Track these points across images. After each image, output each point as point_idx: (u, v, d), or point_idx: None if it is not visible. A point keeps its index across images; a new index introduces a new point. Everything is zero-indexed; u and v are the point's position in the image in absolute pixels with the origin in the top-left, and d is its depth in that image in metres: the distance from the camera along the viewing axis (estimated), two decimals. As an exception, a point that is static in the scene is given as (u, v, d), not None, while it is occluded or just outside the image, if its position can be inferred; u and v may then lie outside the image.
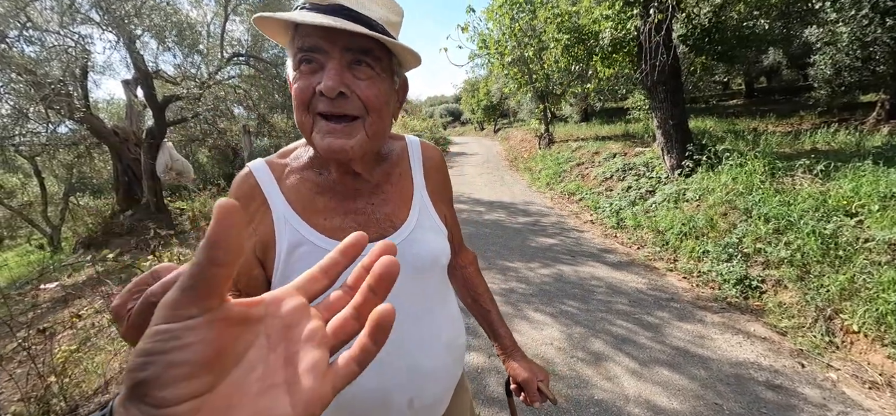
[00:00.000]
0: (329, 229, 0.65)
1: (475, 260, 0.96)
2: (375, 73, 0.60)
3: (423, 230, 0.72)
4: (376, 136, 0.63)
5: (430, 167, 0.80)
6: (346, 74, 0.58)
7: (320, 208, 0.67)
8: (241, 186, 0.67)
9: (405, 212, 0.72)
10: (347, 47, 0.57)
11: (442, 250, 0.74)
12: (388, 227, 0.69)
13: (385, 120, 0.63)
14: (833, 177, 3.71)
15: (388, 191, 0.73)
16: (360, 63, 0.58)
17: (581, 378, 2.26)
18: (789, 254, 3.01)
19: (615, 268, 3.77)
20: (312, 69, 0.59)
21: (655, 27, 4.66)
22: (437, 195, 0.80)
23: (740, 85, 15.88)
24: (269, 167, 0.68)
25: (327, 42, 0.57)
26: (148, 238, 3.34)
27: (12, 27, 4.95)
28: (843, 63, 7.24)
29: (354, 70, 0.58)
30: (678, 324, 2.75)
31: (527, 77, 10.16)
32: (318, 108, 0.58)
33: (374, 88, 0.60)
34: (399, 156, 0.78)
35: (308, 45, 0.57)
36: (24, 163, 9.03)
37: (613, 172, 6.45)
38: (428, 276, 0.71)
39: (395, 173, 0.75)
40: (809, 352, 2.40)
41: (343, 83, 0.57)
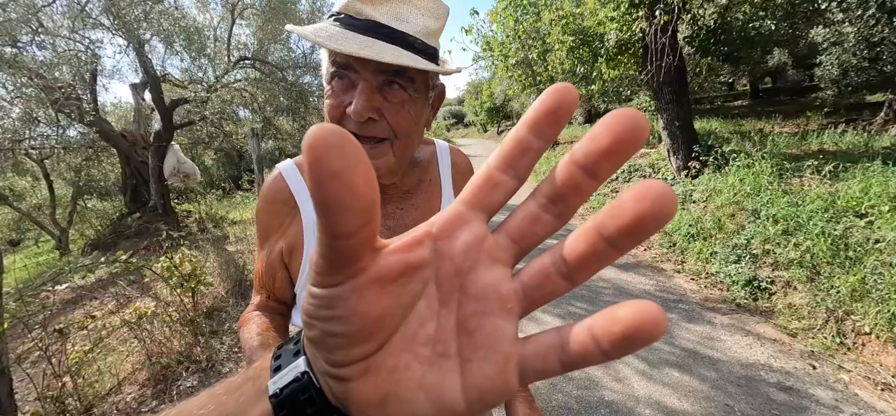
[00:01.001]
0: None
1: None
2: (408, 96, 0.58)
3: None
4: (404, 156, 0.62)
5: (459, 174, 0.80)
6: (376, 98, 0.55)
7: None
8: (271, 189, 0.67)
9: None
10: (379, 69, 0.55)
11: None
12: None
13: (414, 140, 0.62)
14: (842, 178, 3.69)
15: (418, 197, 0.72)
16: (393, 84, 0.56)
17: (590, 380, 2.27)
18: (799, 255, 2.99)
19: (622, 269, 3.76)
20: (344, 87, 0.57)
21: (661, 28, 4.66)
22: None
23: (745, 85, 15.81)
24: (299, 169, 0.67)
25: (358, 63, 0.54)
26: (160, 240, 3.38)
27: (24, 32, 5.02)
28: (850, 63, 7.20)
29: (387, 92, 0.56)
30: (687, 326, 2.75)
31: (531, 79, 10.16)
32: (347, 126, 0.56)
33: (405, 112, 0.58)
34: (429, 162, 0.77)
35: (341, 62, 0.56)
36: (33, 166, 9.12)
37: (619, 174, 6.44)
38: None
39: (425, 180, 0.75)
40: (820, 354, 2.39)
41: (372, 108, 0.55)
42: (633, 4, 4.79)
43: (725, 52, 6.09)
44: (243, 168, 11.99)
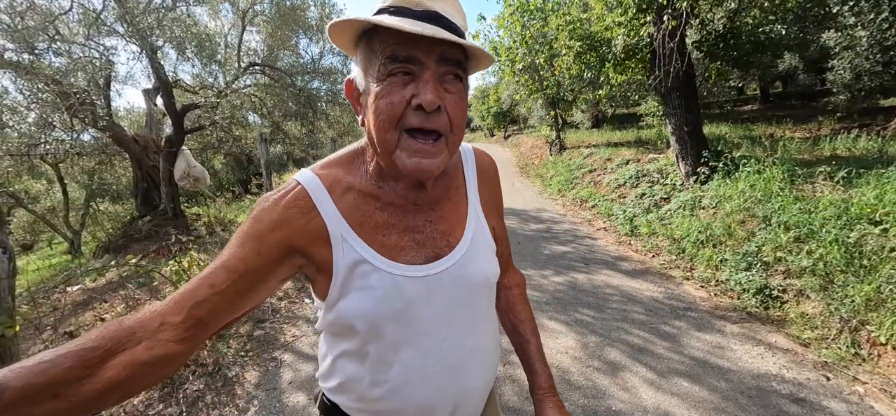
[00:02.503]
0: (387, 247, 0.62)
1: (522, 283, 0.88)
2: (463, 87, 0.58)
3: (477, 249, 0.69)
4: (454, 150, 0.61)
5: (484, 179, 0.76)
6: (440, 88, 0.54)
7: (380, 223, 0.63)
8: (293, 202, 0.61)
9: (461, 230, 0.68)
10: (443, 58, 0.54)
11: (493, 269, 0.71)
12: (444, 246, 0.66)
13: (463, 132, 0.60)
14: (855, 184, 3.62)
15: (445, 207, 0.69)
16: (451, 75, 0.56)
17: (597, 388, 2.24)
18: (811, 263, 2.94)
19: (630, 276, 3.72)
20: (404, 82, 0.54)
21: (669, 33, 4.64)
22: (489, 208, 0.76)
23: (755, 90, 15.65)
24: (321, 180, 0.63)
25: (423, 52, 0.53)
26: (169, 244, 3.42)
27: (42, 39, 5.14)
28: (863, 67, 7.10)
29: (446, 83, 0.55)
30: (696, 334, 2.70)
31: (538, 84, 10.16)
32: (409, 123, 0.55)
33: (461, 103, 0.57)
34: (456, 169, 0.74)
35: (404, 55, 0.53)
36: (47, 169, 9.31)
37: (626, 179, 6.39)
38: (479, 295, 0.69)
39: (452, 187, 0.71)
40: (834, 365, 2.33)
41: (440, 98, 0.54)
42: (641, 9, 4.77)
43: (735, 57, 6.03)
44: (252, 172, 12.12)
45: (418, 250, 0.64)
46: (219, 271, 0.55)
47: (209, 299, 0.53)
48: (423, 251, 0.64)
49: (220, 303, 0.54)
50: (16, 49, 5.17)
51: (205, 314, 0.53)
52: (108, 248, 7.08)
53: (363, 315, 0.60)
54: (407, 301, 0.61)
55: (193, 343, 0.53)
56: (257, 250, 0.57)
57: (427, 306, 0.63)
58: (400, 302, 0.61)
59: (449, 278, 0.64)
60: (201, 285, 0.53)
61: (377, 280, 0.61)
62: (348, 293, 0.61)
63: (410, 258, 0.63)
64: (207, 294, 0.53)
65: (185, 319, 0.51)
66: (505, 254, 0.82)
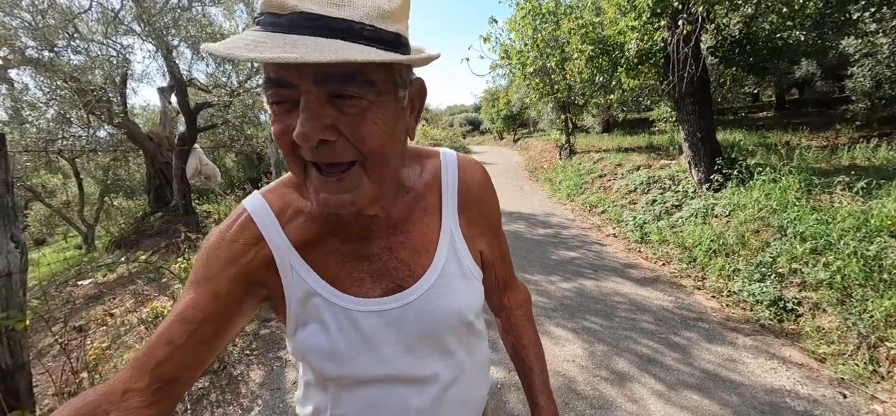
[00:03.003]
0: (340, 278, 0.56)
1: (526, 303, 0.78)
2: (369, 101, 0.44)
3: (448, 280, 0.59)
4: (385, 176, 0.50)
5: (468, 195, 0.64)
6: (326, 112, 0.42)
7: (331, 250, 0.56)
8: (238, 231, 0.55)
9: (428, 257, 0.59)
10: (323, 76, 0.41)
11: (470, 304, 0.61)
12: (406, 276, 0.57)
13: (390, 154, 0.48)
14: (875, 195, 3.51)
15: (410, 230, 0.59)
16: (346, 91, 0.42)
17: (604, 399, 2.20)
18: (828, 276, 2.86)
19: (639, 284, 3.66)
20: (287, 109, 0.44)
21: (684, 38, 4.57)
22: (476, 229, 0.65)
23: (771, 97, 15.37)
24: (269, 205, 0.57)
25: (295, 73, 0.41)
26: (179, 241, 3.46)
27: (61, 37, 5.26)
28: (884, 75, 6.92)
29: (340, 104, 0.43)
30: (707, 346, 2.64)
31: (548, 87, 10.11)
32: (304, 155, 0.45)
33: (369, 124, 0.44)
34: (428, 184, 0.62)
35: (274, 78, 0.43)
36: (64, 164, 9.54)
37: (637, 185, 6.31)
38: (452, 333, 0.60)
39: (419, 208, 0.60)
40: (852, 382, 2.26)
41: (322, 127, 0.42)
42: (656, 14, 4.71)
43: (751, 63, 5.92)
44: (262, 171, 12.25)
45: (375, 282, 0.57)
46: (175, 324, 0.50)
47: (171, 357, 0.49)
48: (380, 283, 0.57)
49: (185, 358, 0.50)
50: (36, 47, 5.30)
51: (170, 373, 0.49)
52: (121, 243, 7.20)
53: (317, 351, 0.55)
54: (365, 339, 0.55)
55: (164, 405, 0.49)
56: (213, 294, 0.52)
57: (388, 345, 0.56)
58: (357, 339, 0.55)
59: (413, 313, 0.57)
60: (158, 344, 0.49)
61: (330, 315, 0.55)
62: (303, 326, 0.56)
63: (366, 291, 0.56)
64: (168, 352, 0.48)
65: (151, 382, 0.47)
66: (503, 275, 0.74)
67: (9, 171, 1.50)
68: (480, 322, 0.67)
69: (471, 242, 0.64)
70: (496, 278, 0.72)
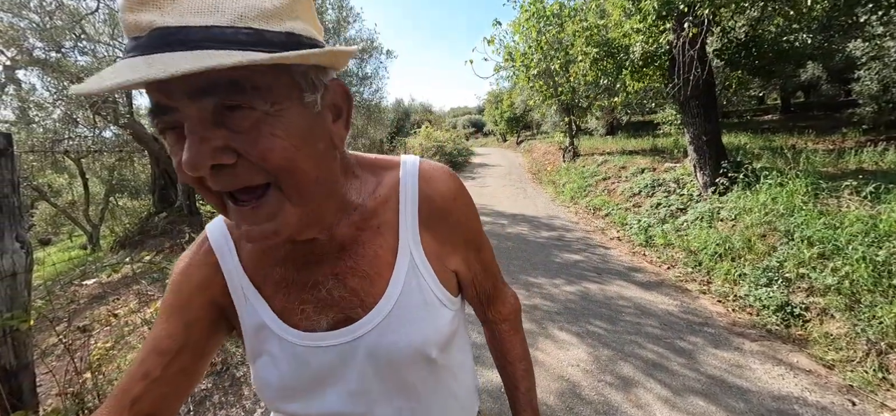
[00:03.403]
0: (286, 309, 0.51)
1: (513, 314, 0.71)
2: (262, 113, 0.37)
3: (406, 310, 0.52)
4: (308, 194, 0.42)
5: (433, 208, 0.55)
6: (213, 132, 0.36)
7: (278, 279, 0.52)
8: (197, 253, 0.54)
9: (382, 284, 0.52)
10: (199, 91, 0.35)
11: (432, 337, 0.53)
12: (355, 305, 0.51)
13: (307, 168, 0.41)
14: (884, 200, 3.47)
15: (360, 254, 0.52)
16: (233, 108, 0.36)
17: (609, 404, 2.17)
18: (836, 281, 2.82)
19: (644, 288, 3.63)
20: (177, 136, 0.38)
21: (689, 41, 4.54)
22: (446, 247, 0.57)
23: (776, 99, 15.29)
24: (228, 230, 0.55)
25: (166, 95, 0.36)
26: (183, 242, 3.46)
27: (68, 38, 5.31)
28: (892, 79, 6.87)
29: (229, 120, 0.37)
30: (713, 351, 2.61)
31: (552, 90, 10.09)
32: (213, 186, 0.39)
33: (267, 137, 0.38)
34: (382, 199, 0.54)
35: (152, 104, 0.38)
36: (70, 164, 9.61)
37: (641, 188, 6.27)
38: (411, 372, 0.53)
39: (370, 227, 0.53)
40: (861, 389, 2.22)
41: (211, 151, 0.36)
42: (661, 17, 4.69)
43: (757, 66, 5.88)
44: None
45: (320, 313, 0.51)
46: (152, 356, 0.48)
47: (148, 392, 0.47)
48: (326, 314, 0.51)
49: (163, 389, 0.48)
50: (44, 48, 5.34)
51: (149, 407, 0.47)
52: (125, 243, 7.24)
53: (267, 385, 0.52)
54: (312, 376, 0.51)
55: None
56: (185, 323, 0.51)
57: (340, 383, 0.51)
58: (303, 376, 0.51)
59: (364, 350, 0.51)
60: (135, 378, 0.48)
61: (277, 348, 0.51)
62: (258, 357, 0.53)
63: (310, 324, 0.51)
64: (145, 386, 0.47)
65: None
66: (485, 288, 0.66)
67: (15, 171, 1.51)
68: (447, 355, 0.58)
69: (440, 261, 0.56)
70: (477, 293, 0.65)
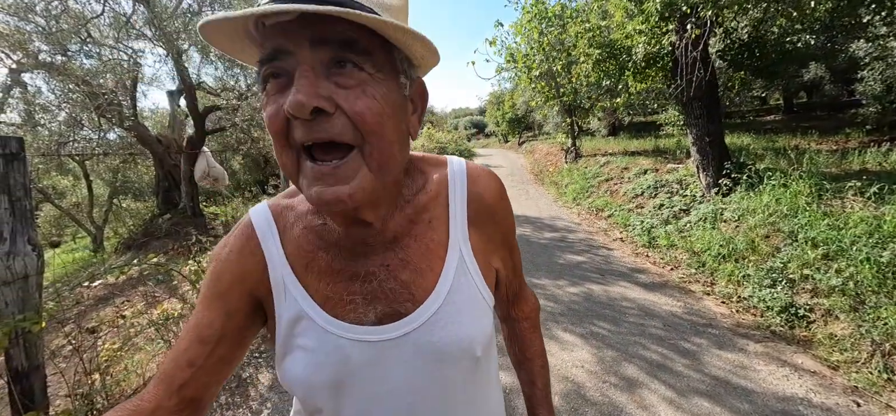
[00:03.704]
0: (330, 300, 0.50)
1: (534, 313, 0.73)
2: (368, 74, 0.41)
3: (455, 306, 0.52)
4: (386, 166, 0.44)
5: (480, 208, 0.57)
6: (321, 83, 0.39)
7: (323, 268, 0.51)
8: (240, 239, 0.54)
9: (433, 278, 0.52)
10: (320, 39, 0.39)
11: (478, 335, 0.53)
12: (405, 299, 0.51)
13: (391, 140, 0.44)
14: (888, 200, 3.47)
15: (411, 247, 0.52)
16: (344, 64, 0.40)
17: (614, 405, 2.18)
18: (841, 282, 2.82)
19: (647, 289, 3.64)
20: (281, 85, 0.41)
21: (692, 42, 4.55)
22: (491, 245, 0.58)
23: (778, 100, 15.24)
24: (272, 214, 0.54)
25: (290, 39, 0.39)
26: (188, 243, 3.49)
27: (74, 42, 5.35)
28: (895, 78, 6.84)
29: (337, 76, 0.40)
30: (717, 352, 2.62)
31: (554, 91, 10.10)
32: (295, 138, 0.41)
33: (368, 96, 0.41)
34: (432, 195, 0.55)
35: (269, 50, 0.40)
36: (75, 166, 9.66)
37: (644, 189, 6.27)
38: (457, 369, 0.53)
39: (422, 221, 0.53)
40: (865, 390, 2.22)
41: (318, 95, 0.38)
42: (664, 18, 4.69)
43: (759, 67, 5.88)
44: (269, 173, 12.34)
45: (368, 306, 0.50)
46: (195, 345, 0.50)
47: (194, 379, 0.49)
48: (374, 307, 0.50)
49: (206, 378, 0.50)
50: (49, 51, 5.38)
51: (193, 394, 0.49)
52: (130, 244, 7.28)
53: (299, 381, 0.50)
54: (352, 372, 0.49)
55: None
56: (226, 313, 0.51)
57: (381, 381, 0.50)
58: (343, 371, 0.49)
59: (412, 346, 0.50)
60: (180, 365, 0.49)
61: (317, 341, 0.50)
62: (291, 352, 0.51)
63: (357, 316, 0.50)
64: (191, 374, 0.49)
65: (178, 403, 0.49)
66: (514, 287, 0.68)
67: (27, 175, 1.53)
68: (488, 359, 0.59)
69: (485, 259, 0.57)
70: (507, 290, 0.67)
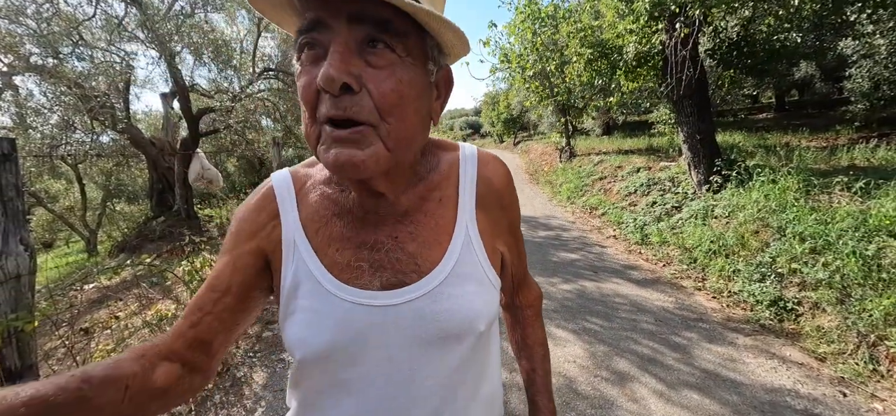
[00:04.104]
0: (337, 265, 0.52)
1: (537, 301, 0.74)
2: (398, 57, 0.43)
3: (459, 280, 0.53)
4: (401, 145, 0.45)
5: (488, 192, 0.59)
6: (353, 61, 0.41)
7: (335, 234, 0.53)
8: (259, 200, 0.56)
9: (439, 252, 0.53)
10: (357, 16, 0.41)
11: (482, 311, 0.54)
12: (410, 270, 0.52)
13: (411, 122, 0.45)
14: (874, 195, 3.53)
15: (420, 222, 0.54)
16: (376, 43, 0.42)
17: (605, 398, 2.21)
18: (827, 275, 2.87)
19: (640, 285, 3.68)
20: (315, 56, 0.43)
21: (681, 41, 4.60)
22: (497, 228, 0.60)
23: (770, 98, 15.39)
24: (292, 179, 0.57)
25: (329, 12, 0.41)
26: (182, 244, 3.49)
27: (66, 44, 5.32)
28: (882, 76, 6.95)
29: (368, 54, 0.42)
30: (707, 346, 2.66)
31: (548, 91, 10.15)
32: (322, 112, 0.42)
33: (395, 78, 0.42)
34: (444, 175, 0.58)
35: (308, 21, 0.42)
36: (67, 170, 9.59)
37: (637, 187, 6.33)
38: (457, 344, 0.53)
39: (433, 198, 0.56)
40: (851, 380, 2.27)
41: (348, 71, 0.40)
42: (653, 17, 4.75)
43: (749, 65, 5.95)
44: (264, 175, 12.30)
45: (374, 273, 0.51)
46: (206, 292, 0.52)
47: (202, 321, 0.51)
48: (380, 275, 0.51)
49: (214, 322, 0.51)
50: (41, 53, 5.35)
51: (203, 335, 0.51)
52: (123, 247, 7.24)
53: (300, 343, 0.50)
54: (354, 336, 0.50)
55: (199, 360, 0.52)
56: (233, 265, 0.53)
57: (381, 347, 0.51)
58: (345, 335, 0.50)
59: (413, 314, 0.50)
60: (193, 310, 0.52)
61: (321, 303, 0.51)
62: (293, 314, 0.52)
63: (364, 282, 0.51)
64: (199, 317, 0.51)
65: (186, 342, 0.51)
66: (519, 273, 0.69)
67: (18, 175, 1.54)
68: (489, 338, 0.60)
69: (490, 241, 0.58)
70: (512, 276, 0.68)
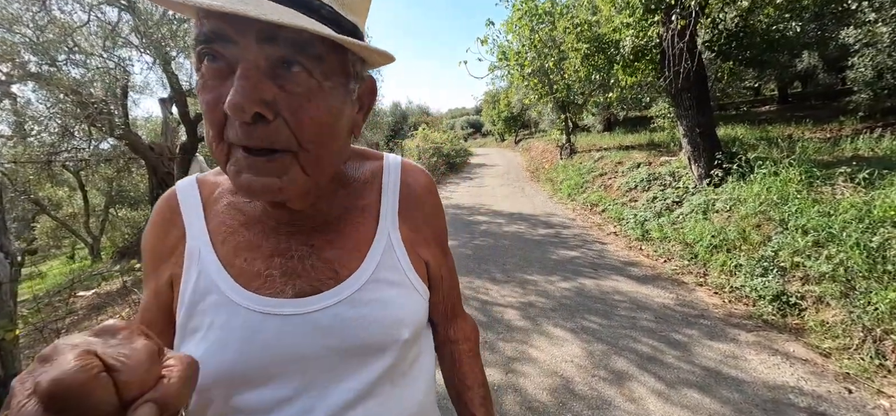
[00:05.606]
0: (246, 274, 0.47)
1: (473, 335, 0.67)
2: (316, 82, 0.39)
3: (380, 285, 0.50)
4: (321, 170, 0.43)
5: (410, 198, 0.57)
6: (265, 85, 0.36)
7: (242, 244, 0.49)
8: (162, 210, 0.52)
9: (358, 259, 0.50)
10: (269, 36, 0.36)
11: (405, 318, 0.50)
12: (327, 277, 0.48)
13: (333, 148, 0.43)
14: (878, 185, 3.46)
15: (340, 229, 0.51)
16: (292, 64, 0.37)
17: (602, 398, 2.16)
18: (831, 268, 2.81)
19: (640, 282, 3.62)
20: (219, 71, 0.37)
21: (678, 33, 4.54)
22: (419, 236, 0.57)
23: (773, 90, 15.25)
24: (199, 186, 0.53)
25: (235, 26, 0.35)
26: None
27: (61, 51, 5.32)
28: (885, 64, 6.84)
29: (282, 79, 0.37)
30: (709, 343, 2.60)
31: (547, 88, 10.09)
32: (231, 136, 0.38)
33: (314, 107, 0.39)
34: (367, 183, 0.56)
35: (208, 30, 0.36)
36: (69, 177, 9.63)
37: (638, 183, 6.26)
38: (379, 355, 0.49)
39: (356, 207, 0.54)
40: (857, 376, 2.21)
41: (260, 100, 0.36)
42: (649, 10, 4.69)
43: (748, 57, 5.87)
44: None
45: (287, 281, 0.47)
46: (141, 321, 0.49)
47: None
48: (293, 283, 0.47)
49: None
50: (37, 61, 5.36)
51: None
52: (125, 252, 7.26)
53: (201, 365, 0.46)
54: (263, 348, 0.45)
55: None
56: (156, 301, 0.50)
57: (294, 361, 0.46)
58: (253, 349, 0.45)
59: (328, 321, 0.46)
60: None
61: (226, 316, 0.45)
62: (190, 334, 0.46)
63: (275, 291, 0.46)
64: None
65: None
66: (451, 299, 0.63)
67: (-3, 182, 1.51)
68: (419, 351, 0.55)
69: (413, 248, 0.56)
70: (444, 300, 0.62)
